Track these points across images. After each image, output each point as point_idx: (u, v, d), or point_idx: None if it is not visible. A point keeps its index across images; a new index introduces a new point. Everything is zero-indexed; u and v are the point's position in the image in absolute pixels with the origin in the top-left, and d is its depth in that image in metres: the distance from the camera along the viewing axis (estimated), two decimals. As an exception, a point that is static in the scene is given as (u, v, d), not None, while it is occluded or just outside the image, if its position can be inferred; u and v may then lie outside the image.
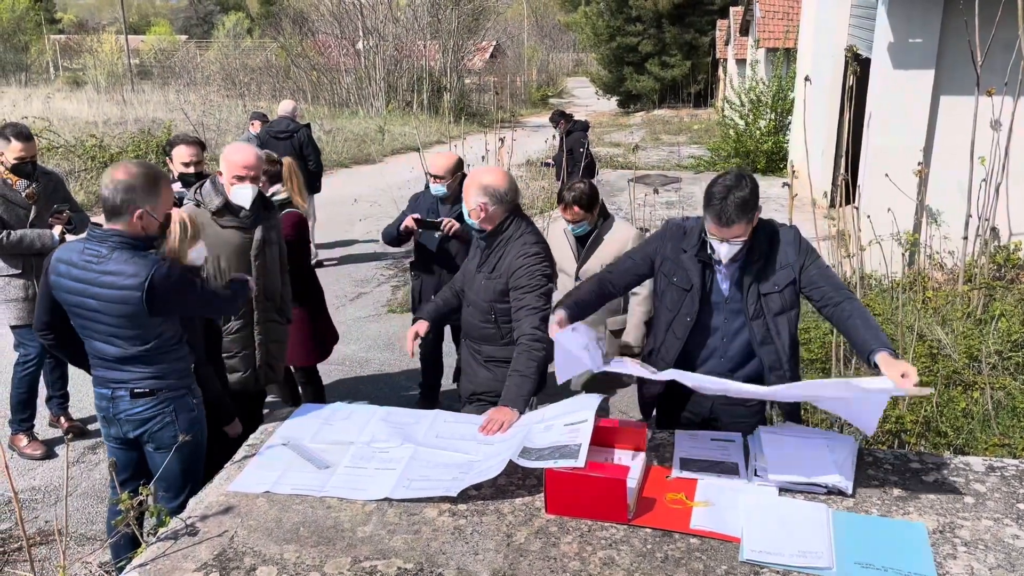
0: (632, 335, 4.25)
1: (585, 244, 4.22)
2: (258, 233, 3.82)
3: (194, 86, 28.52)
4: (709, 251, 2.89)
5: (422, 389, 5.63)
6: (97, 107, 21.77)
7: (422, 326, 3.59)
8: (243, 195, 3.72)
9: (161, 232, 2.96)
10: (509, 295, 3.32)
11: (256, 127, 9.10)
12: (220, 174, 3.76)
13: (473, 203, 3.32)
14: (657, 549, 2.34)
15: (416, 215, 4.80)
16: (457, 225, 4.62)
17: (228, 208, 3.72)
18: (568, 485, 2.47)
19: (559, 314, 2.97)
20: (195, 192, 3.80)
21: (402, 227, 4.80)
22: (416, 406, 5.33)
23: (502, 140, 10.24)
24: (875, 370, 2.64)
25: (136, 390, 2.99)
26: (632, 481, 2.50)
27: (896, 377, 2.49)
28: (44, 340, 3.15)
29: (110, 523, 3.33)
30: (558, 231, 4.33)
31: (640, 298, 4.20)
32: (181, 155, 4.60)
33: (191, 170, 4.54)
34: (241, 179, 3.69)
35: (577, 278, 4.15)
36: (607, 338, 4.29)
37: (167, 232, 3.08)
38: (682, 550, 2.34)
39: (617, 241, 4.14)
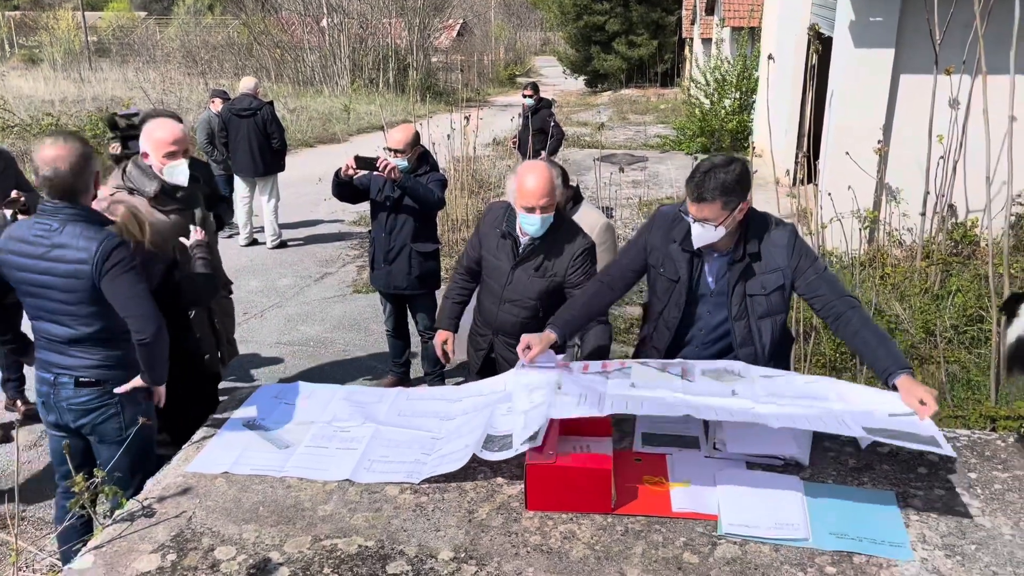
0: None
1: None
2: (198, 212, 3.74)
3: (154, 64, 27.86)
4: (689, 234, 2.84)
5: (392, 366, 5.61)
6: (53, 85, 21.21)
7: (451, 337, 3.68)
8: (179, 172, 3.53)
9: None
10: (563, 291, 3.33)
11: (216, 105, 8.94)
12: (146, 156, 3.55)
13: (557, 198, 3.30)
14: (617, 522, 2.36)
15: (356, 154, 4.78)
16: (393, 164, 4.63)
17: (164, 191, 3.54)
18: (549, 480, 2.40)
19: (547, 335, 2.95)
20: (122, 177, 3.60)
21: (342, 170, 4.75)
22: (385, 385, 5.36)
23: (468, 119, 10.19)
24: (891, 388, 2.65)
25: (81, 378, 2.90)
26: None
27: (915, 404, 2.52)
28: None
29: (59, 512, 3.24)
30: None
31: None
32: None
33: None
34: (173, 155, 3.50)
35: None
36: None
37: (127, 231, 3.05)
38: (642, 523, 2.36)
39: (583, 223, 4.08)
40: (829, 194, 6.42)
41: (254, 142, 8.57)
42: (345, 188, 4.89)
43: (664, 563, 2.19)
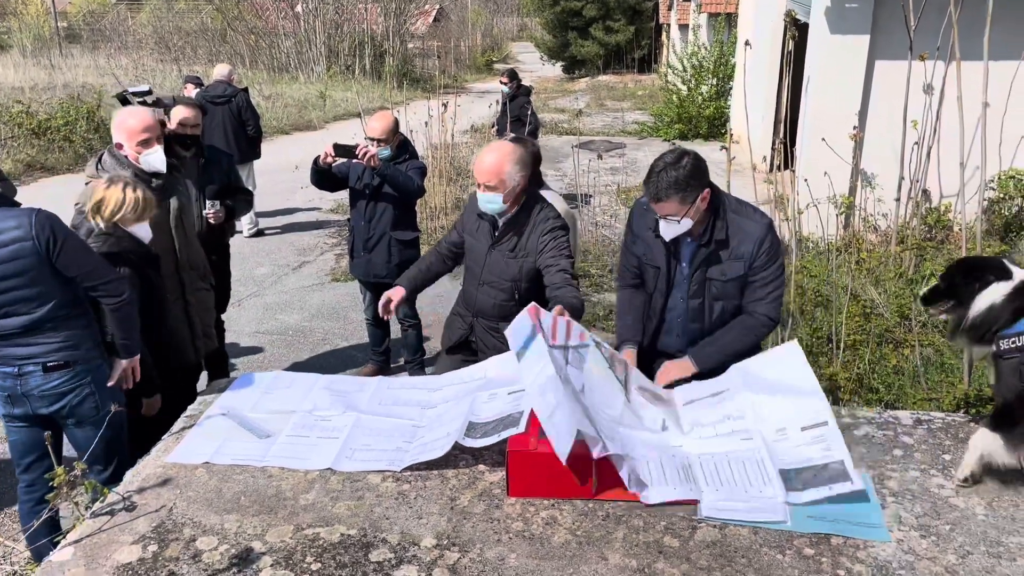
0: None
1: None
2: (174, 202, 3.70)
3: (126, 50, 27.45)
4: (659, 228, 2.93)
5: (372, 355, 5.60)
6: (23, 72, 20.84)
7: (398, 293, 3.48)
8: (155, 160, 3.55)
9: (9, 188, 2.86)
10: (539, 272, 3.31)
11: (190, 91, 8.82)
12: (120, 146, 3.54)
13: (516, 181, 3.23)
14: (599, 508, 2.38)
15: (335, 142, 4.76)
16: (373, 151, 4.62)
17: (139, 180, 3.49)
18: (531, 466, 2.41)
19: (628, 352, 3.06)
20: (96, 168, 3.58)
21: (320, 158, 4.73)
22: (366, 373, 5.35)
23: (445, 106, 10.13)
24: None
25: (49, 363, 2.85)
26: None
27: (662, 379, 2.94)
28: None
29: (22, 510, 3.18)
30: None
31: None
32: (179, 114, 4.52)
33: (186, 131, 4.46)
34: (147, 143, 3.51)
35: None
36: None
37: (113, 202, 3.01)
38: (623, 508, 2.38)
39: None
40: (805, 180, 6.48)
41: (229, 129, 8.48)
42: (323, 176, 4.85)
43: (645, 547, 2.21)
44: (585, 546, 2.22)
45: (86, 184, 3.61)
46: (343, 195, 5.31)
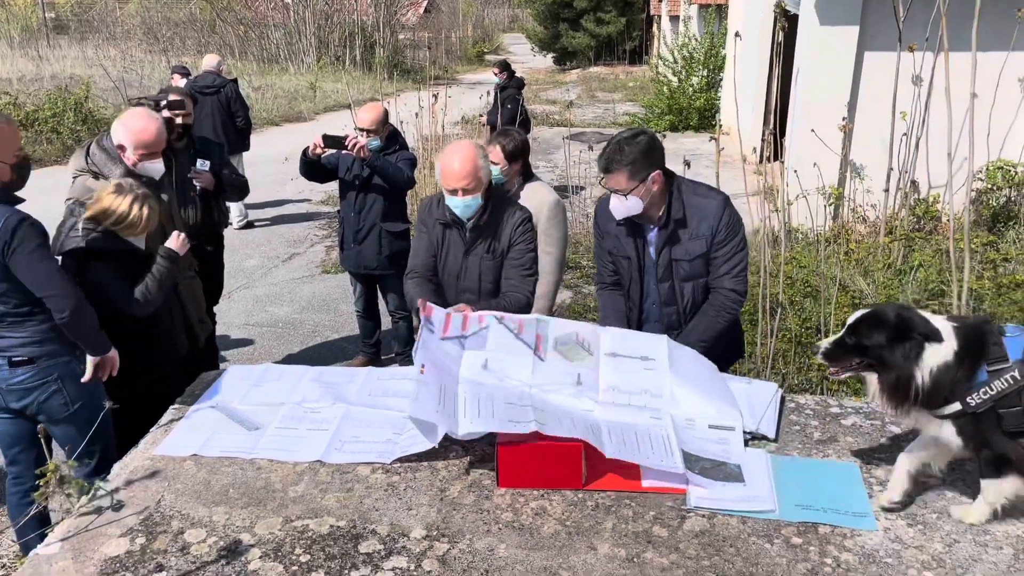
0: (538, 306, 3.97)
1: None
2: (164, 196, 3.70)
3: (114, 41, 27.22)
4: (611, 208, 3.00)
5: (362, 347, 5.59)
6: (11, 63, 20.63)
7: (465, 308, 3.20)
8: (154, 168, 3.58)
9: (17, 178, 2.76)
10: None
11: (177, 81, 8.75)
12: (123, 149, 3.53)
13: (487, 173, 3.22)
14: (588, 498, 2.39)
15: (324, 133, 4.75)
16: (363, 142, 4.61)
17: (131, 175, 3.50)
18: (520, 457, 2.42)
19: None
20: (85, 160, 3.55)
21: (310, 149, 4.72)
22: (356, 365, 5.34)
23: (436, 97, 10.10)
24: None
25: (14, 358, 2.82)
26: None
27: None
28: None
29: (10, 497, 3.18)
30: None
31: (547, 267, 3.94)
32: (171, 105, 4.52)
33: (178, 120, 4.45)
34: (151, 155, 3.54)
35: None
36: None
37: (117, 216, 2.98)
38: (612, 498, 2.39)
39: (533, 202, 3.94)
40: (795, 171, 6.49)
41: (218, 120, 8.43)
42: (313, 167, 4.84)
43: (634, 537, 2.22)
44: (574, 536, 2.22)
45: (75, 178, 3.58)
46: (333, 187, 5.30)
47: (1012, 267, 6.05)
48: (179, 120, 4.45)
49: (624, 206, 2.93)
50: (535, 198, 4.00)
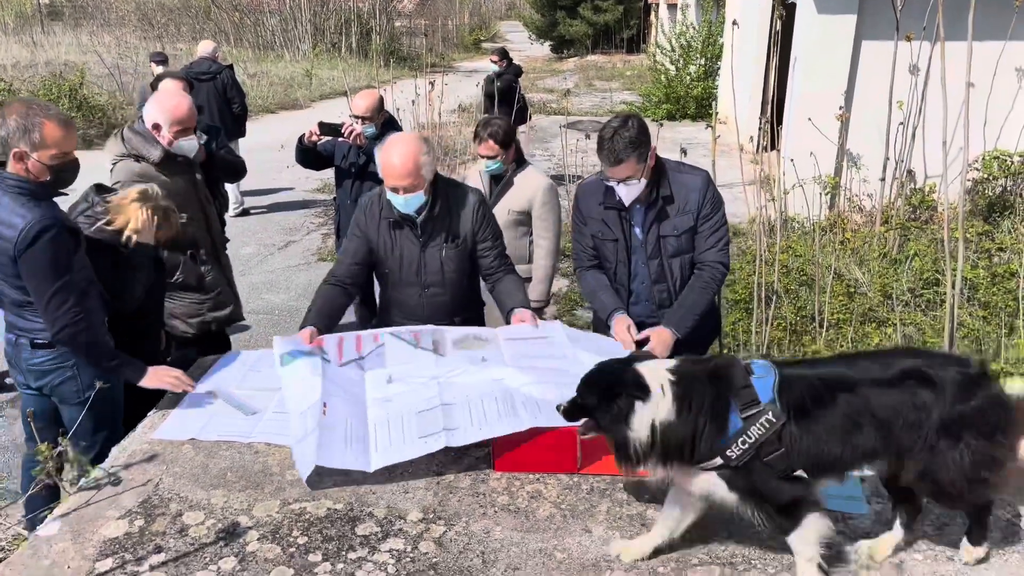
0: (537, 290, 4.12)
1: (498, 185, 4.10)
2: (199, 174, 3.77)
3: (108, 27, 27.03)
4: (617, 197, 2.99)
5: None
6: (5, 49, 20.50)
7: (311, 334, 3.05)
8: (189, 146, 3.62)
9: (56, 179, 2.73)
10: (479, 252, 3.25)
11: (155, 70, 8.67)
12: (158, 128, 3.56)
13: (431, 169, 3.07)
14: (583, 482, 2.41)
15: (320, 120, 4.74)
16: (359, 130, 4.59)
17: (168, 155, 3.58)
18: (516, 441, 2.43)
19: (620, 319, 3.08)
20: (124, 144, 3.58)
21: (306, 136, 4.71)
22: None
23: (432, 84, 10.08)
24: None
25: (36, 340, 2.85)
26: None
27: (621, 331, 3.01)
28: None
29: (26, 475, 3.22)
30: (474, 173, 4.25)
31: (544, 251, 4.09)
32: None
33: None
34: (185, 133, 3.57)
35: None
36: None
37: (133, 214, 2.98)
38: (607, 482, 2.41)
39: (527, 187, 4.04)
40: (792, 160, 6.49)
41: (214, 107, 8.40)
42: (309, 154, 4.83)
43: (629, 520, 2.24)
44: (569, 519, 2.24)
45: (114, 164, 3.58)
46: (329, 174, 5.30)
47: (1007, 256, 6.07)
48: None
49: (634, 190, 2.95)
50: (529, 184, 4.06)
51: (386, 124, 4.87)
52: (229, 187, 8.86)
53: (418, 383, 2.69)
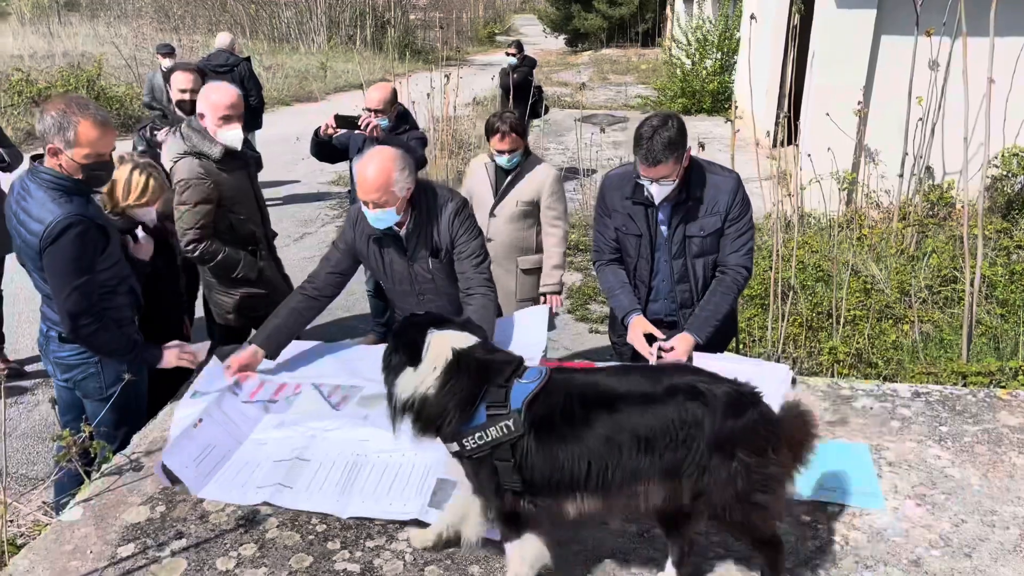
0: (552, 277, 4.14)
1: (507, 178, 4.10)
2: (252, 169, 3.83)
3: (125, 19, 27.20)
4: (646, 194, 2.94)
5: (373, 326, 5.63)
6: (23, 40, 20.66)
7: (250, 357, 2.98)
8: (232, 137, 3.60)
9: (88, 178, 2.73)
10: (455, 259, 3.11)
11: (162, 61, 8.67)
12: (203, 117, 3.57)
13: (405, 187, 2.90)
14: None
15: (336, 113, 4.75)
16: (376, 123, 4.58)
17: (227, 152, 3.60)
18: None
19: (637, 319, 3.07)
20: (180, 140, 3.59)
21: (322, 129, 4.73)
22: (368, 343, 5.36)
23: (447, 77, 10.08)
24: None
25: (64, 334, 2.84)
26: None
27: (637, 336, 3.01)
28: None
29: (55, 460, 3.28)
30: (478, 165, 4.25)
31: (557, 239, 4.12)
32: (179, 82, 4.62)
33: (187, 97, 4.52)
34: (228, 120, 3.57)
35: (492, 215, 4.08)
36: (518, 276, 4.17)
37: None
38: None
39: (536, 180, 4.06)
40: (809, 155, 6.47)
41: (231, 99, 8.41)
42: (324, 147, 4.85)
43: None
44: (586, 511, 2.25)
45: (174, 162, 3.59)
46: (344, 167, 5.31)
47: (1025, 254, 6.04)
48: (187, 98, 4.48)
49: (666, 190, 2.90)
50: (537, 175, 4.10)
51: (400, 117, 4.89)
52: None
53: (299, 432, 2.63)
